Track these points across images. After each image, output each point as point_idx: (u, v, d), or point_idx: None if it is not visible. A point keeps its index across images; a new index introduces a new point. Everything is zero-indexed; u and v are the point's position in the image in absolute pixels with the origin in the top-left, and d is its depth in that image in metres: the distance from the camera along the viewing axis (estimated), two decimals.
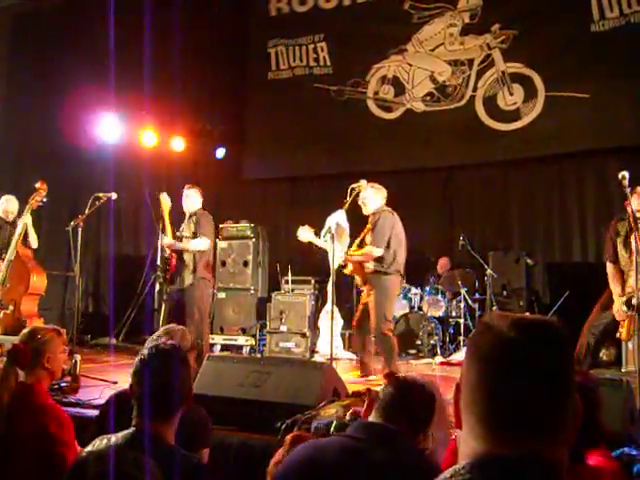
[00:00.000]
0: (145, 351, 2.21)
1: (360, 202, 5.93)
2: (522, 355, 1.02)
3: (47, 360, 2.94)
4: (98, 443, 2.05)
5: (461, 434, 1.08)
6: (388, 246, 5.75)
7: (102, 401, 4.37)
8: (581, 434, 2.17)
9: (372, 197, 5.90)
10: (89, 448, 2.05)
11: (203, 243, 6.37)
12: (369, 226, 5.93)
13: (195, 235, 6.40)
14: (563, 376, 1.04)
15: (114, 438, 2.05)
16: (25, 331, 3.09)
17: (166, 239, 6.42)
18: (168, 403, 2.14)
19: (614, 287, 5.13)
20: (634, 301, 4.82)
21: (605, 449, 2.33)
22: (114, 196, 6.54)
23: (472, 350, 1.08)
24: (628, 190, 4.51)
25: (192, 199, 6.58)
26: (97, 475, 1.92)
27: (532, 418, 1.01)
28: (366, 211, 5.94)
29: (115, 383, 5.08)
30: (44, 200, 6.80)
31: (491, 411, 1.02)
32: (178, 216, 6.73)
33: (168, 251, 6.45)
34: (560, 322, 1.09)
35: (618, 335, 5.07)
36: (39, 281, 6.94)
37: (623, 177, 4.48)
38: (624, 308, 4.94)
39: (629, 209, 4.76)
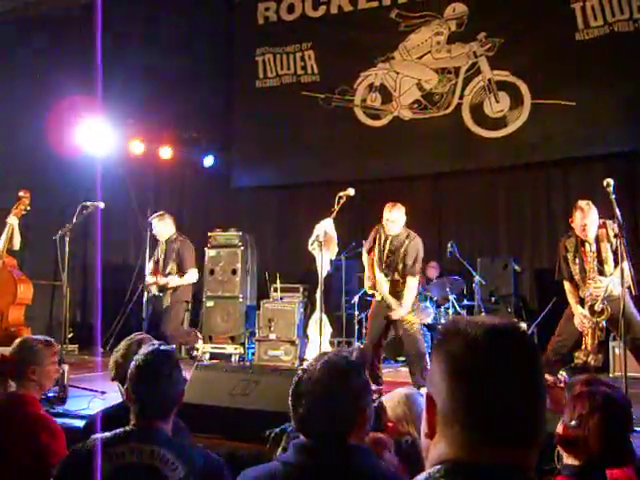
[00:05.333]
0: (146, 353, 2.26)
1: (387, 222, 5.72)
2: (495, 362, 1.03)
3: (32, 371, 2.92)
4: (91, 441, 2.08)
5: (428, 441, 1.08)
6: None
7: (90, 412, 4.37)
8: (607, 453, 1.96)
9: (403, 218, 5.76)
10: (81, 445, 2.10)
11: (192, 276, 6.80)
12: (391, 247, 5.79)
13: (179, 266, 6.73)
14: (535, 380, 1.05)
15: (111, 435, 2.09)
16: (16, 341, 3.08)
17: (150, 278, 6.76)
18: (170, 401, 2.22)
19: (573, 303, 5.17)
20: (597, 307, 4.89)
21: (633, 472, 2.14)
22: (102, 205, 6.50)
23: (444, 358, 1.07)
24: (613, 197, 4.56)
25: (165, 227, 6.90)
26: (118, 468, 1.96)
27: (508, 423, 1.02)
28: (392, 232, 5.75)
29: (103, 393, 5.05)
30: (28, 209, 6.77)
31: (468, 419, 1.02)
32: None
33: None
34: (524, 327, 1.10)
35: (583, 347, 5.10)
36: (26, 291, 6.90)
37: (608, 184, 4.53)
38: (587, 314, 4.97)
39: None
